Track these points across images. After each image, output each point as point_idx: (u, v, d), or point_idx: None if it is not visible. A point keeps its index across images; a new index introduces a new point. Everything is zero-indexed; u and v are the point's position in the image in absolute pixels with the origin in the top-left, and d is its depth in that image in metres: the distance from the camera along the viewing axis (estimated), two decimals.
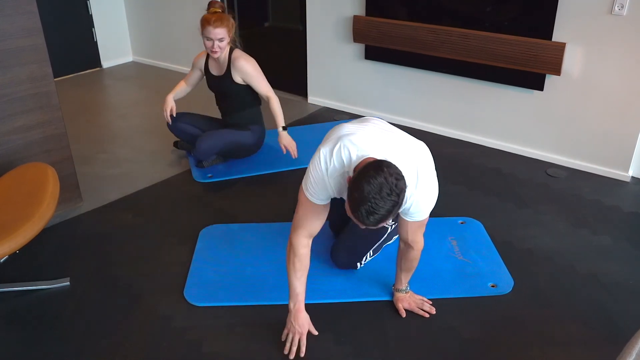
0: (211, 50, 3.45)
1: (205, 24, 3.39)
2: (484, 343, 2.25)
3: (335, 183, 2.05)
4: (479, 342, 2.26)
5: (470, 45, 3.72)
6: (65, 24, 5.62)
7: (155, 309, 2.46)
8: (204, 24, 3.40)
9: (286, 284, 2.24)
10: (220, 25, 3.38)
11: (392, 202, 1.75)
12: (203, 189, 3.50)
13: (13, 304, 2.52)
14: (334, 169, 2.02)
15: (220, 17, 3.39)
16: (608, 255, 2.80)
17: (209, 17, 3.40)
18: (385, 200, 1.73)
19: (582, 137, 3.61)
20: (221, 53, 3.48)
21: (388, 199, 1.74)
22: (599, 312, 2.42)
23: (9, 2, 2.66)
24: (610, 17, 3.25)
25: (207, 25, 3.38)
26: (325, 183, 2.06)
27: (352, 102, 4.63)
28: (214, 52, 3.45)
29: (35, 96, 2.89)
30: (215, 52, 3.44)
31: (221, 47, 3.44)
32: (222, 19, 3.39)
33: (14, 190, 2.52)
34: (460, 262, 2.71)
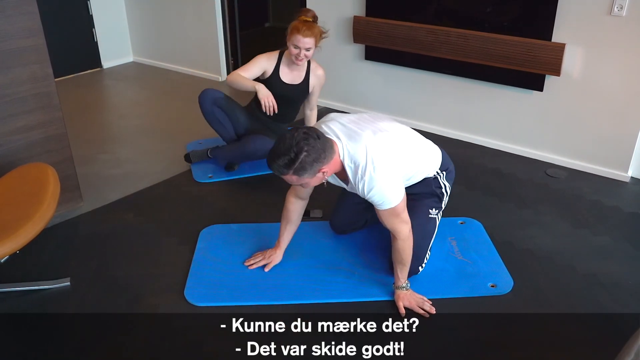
0: (296, 58, 3.36)
1: (294, 31, 3.30)
2: (484, 343, 2.26)
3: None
4: (479, 342, 2.26)
5: (469, 46, 3.73)
6: (66, 24, 5.63)
7: (155, 309, 2.46)
8: (293, 32, 3.30)
9: (286, 284, 2.50)
10: (310, 35, 3.30)
11: (289, 157, 2.09)
12: (203, 189, 3.50)
13: (14, 304, 2.52)
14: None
15: (311, 27, 3.32)
16: (608, 256, 2.81)
17: (299, 25, 3.30)
18: (285, 152, 2.09)
19: (581, 137, 3.62)
20: (304, 62, 3.42)
21: (286, 152, 2.09)
22: (598, 312, 2.43)
23: (10, 2, 2.66)
24: (609, 17, 3.26)
25: (296, 33, 3.29)
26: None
27: (353, 103, 4.64)
28: (299, 60, 3.37)
29: (36, 96, 2.89)
30: (301, 61, 3.38)
31: (307, 56, 3.37)
32: (312, 28, 3.31)
33: (14, 191, 2.53)
34: (460, 262, 2.72)
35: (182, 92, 5.31)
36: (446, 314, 2.41)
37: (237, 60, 5.58)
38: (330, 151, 2.19)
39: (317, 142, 2.13)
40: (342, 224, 2.86)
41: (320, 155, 2.14)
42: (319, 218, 3.11)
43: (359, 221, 2.85)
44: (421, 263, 2.56)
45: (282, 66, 3.49)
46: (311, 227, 3.02)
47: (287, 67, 3.50)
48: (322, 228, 3.00)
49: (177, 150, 3.99)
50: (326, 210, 3.14)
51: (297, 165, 2.10)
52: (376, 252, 2.78)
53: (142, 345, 2.26)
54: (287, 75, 3.51)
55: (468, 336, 2.29)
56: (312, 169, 2.14)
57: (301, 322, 2.29)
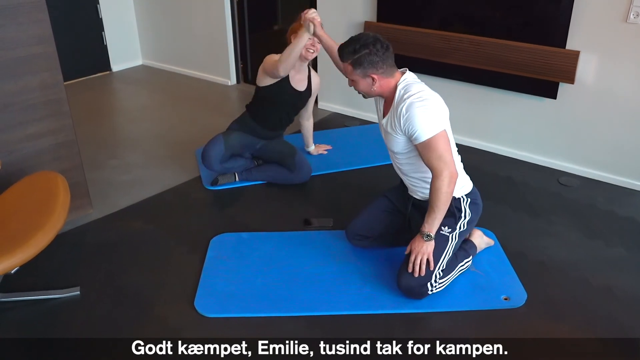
0: (308, 49, 3.30)
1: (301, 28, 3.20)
2: (497, 358, 2.22)
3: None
4: (492, 358, 2.22)
5: (482, 52, 3.69)
6: (76, 28, 5.63)
7: (165, 320, 2.45)
8: (303, 26, 3.18)
9: (297, 295, 2.52)
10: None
11: (354, 47, 2.38)
12: (213, 196, 3.48)
13: (23, 313, 2.51)
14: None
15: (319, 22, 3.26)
16: (622, 268, 2.77)
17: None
18: (354, 43, 2.39)
19: (595, 145, 3.57)
20: (313, 56, 3.38)
21: (355, 43, 2.39)
22: (613, 326, 2.39)
23: (22, 10, 2.65)
24: (625, 25, 3.22)
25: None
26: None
27: (363, 109, 4.61)
28: (311, 52, 3.33)
29: (46, 104, 2.89)
30: (312, 53, 3.34)
31: (317, 49, 3.35)
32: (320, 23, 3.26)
33: (24, 200, 2.52)
34: (473, 274, 2.69)
35: (192, 96, 5.30)
36: (459, 327, 2.38)
37: (246, 64, 5.56)
38: (389, 69, 2.42)
39: (382, 51, 2.38)
40: (359, 227, 2.81)
41: (377, 62, 2.38)
42: (329, 228, 3.08)
43: (375, 229, 2.80)
44: (429, 281, 2.47)
45: (293, 74, 3.45)
46: (323, 237, 3.01)
47: (295, 73, 3.46)
48: (334, 238, 2.98)
49: (187, 155, 3.97)
50: (336, 220, 3.12)
51: (356, 57, 2.38)
52: (388, 264, 2.75)
53: (153, 357, 2.23)
54: (299, 82, 3.49)
55: (481, 351, 2.25)
56: (365, 69, 2.39)
57: (312, 338, 2.27)
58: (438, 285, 2.49)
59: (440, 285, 2.50)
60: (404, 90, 2.42)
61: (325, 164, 3.80)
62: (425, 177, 2.55)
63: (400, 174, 2.69)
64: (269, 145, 3.61)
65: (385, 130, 2.53)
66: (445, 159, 2.36)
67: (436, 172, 2.36)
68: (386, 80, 2.44)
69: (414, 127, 2.35)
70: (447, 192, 2.37)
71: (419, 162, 2.51)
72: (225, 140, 3.44)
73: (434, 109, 2.37)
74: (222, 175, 3.53)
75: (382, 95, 2.52)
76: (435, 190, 2.37)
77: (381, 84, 2.44)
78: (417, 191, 2.65)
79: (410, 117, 2.34)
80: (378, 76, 2.41)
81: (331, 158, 3.90)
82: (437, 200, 2.38)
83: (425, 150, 2.37)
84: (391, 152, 2.61)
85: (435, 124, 2.36)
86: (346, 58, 2.42)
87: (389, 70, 2.42)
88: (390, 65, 2.43)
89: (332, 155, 3.95)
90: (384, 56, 2.38)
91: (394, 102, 2.44)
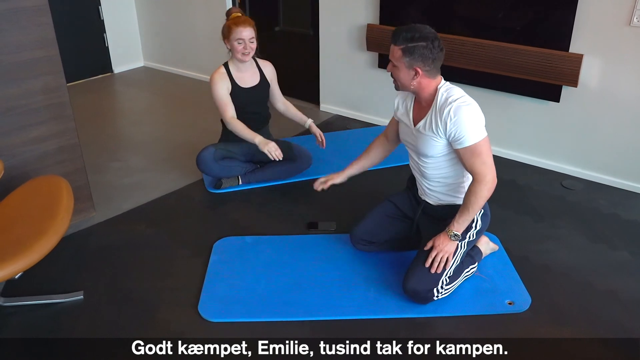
0: (243, 52, 3.32)
1: (233, 27, 3.28)
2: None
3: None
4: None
5: (485, 55, 3.69)
6: (77, 30, 5.63)
7: (169, 324, 2.44)
8: (232, 28, 3.28)
9: (301, 300, 2.52)
10: (248, 24, 3.29)
11: (412, 34, 2.31)
12: (216, 200, 3.48)
13: (26, 318, 2.50)
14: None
15: (246, 18, 3.34)
16: (627, 272, 2.76)
17: (235, 19, 3.31)
18: (414, 31, 2.33)
19: (598, 148, 3.57)
20: (251, 55, 3.38)
21: (415, 31, 2.32)
22: (618, 331, 2.38)
23: (25, 14, 2.65)
24: (628, 28, 3.21)
25: (235, 27, 3.27)
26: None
27: (365, 111, 4.61)
28: (246, 55, 3.34)
29: (49, 107, 2.88)
30: (248, 55, 3.35)
31: (253, 48, 3.34)
32: (247, 20, 3.33)
33: (28, 204, 2.51)
34: (477, 278, 2.68)
35: (193, 98, 5.29)
36: (463, 332, 2.37)
37: None
38: (434, 70, 2.39)
39: (437, 51, 2.35)
40: (363, 233, 2.80)
41: (428, 59, 2.33)
42: (333, 231, 3.08)
43: (380, 235, 2.79)
44: (436, 287, 2.46)
45: (235, 75, 3.46)
46: (327, 240, 3.00)
47: (239, 73, 3.47)
48: (338, 242, 2.97)
49: (189, 158, 3.95)
50: (340, 224, 3.11)
51: (411, 45, 2.31)
52: (392, 268, 2.75)
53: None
54: (245, 80, 3.49)
55: (485, 356, 2.25)
56: (414, 60, 2.33)
57: (316, 343, 2.26)
58: (444, 291, 2.49)
59: (446, 291, 2.50)
60: (447, 94, 2.39)
61: (327, 167, 3.78)
62: (448, 182, 2.55)
63: (419, 177, 2.65)
64: None
65: (419, 133, 2.49)
66: (489, 164, 2.37)
67: (479, 176, 2.36)
68: (427, 80, 2.40)
69: (461, 130, 2.33)
70: (486, 197, 2.39)
71: (448, 167, 2.51)
72: (215, 145, 3.53)
73: (480, 114, 2.37)
74: (225, 179, 3.52)
75: (417, 94, 2.47)
76: (474, 193, 2.38)
77: (421, 81, 2.40)
78: (433, 196, 2.63)
79: (458, 120, 2.32)
80: (422, 72, 2.37)
81: (334, 161, 3.87)
82: (473, 203, 2.39)
83: (470, 155, 2.36)
84: (417, 154, 2.56)
85: (482, 129, 2.36)
86: (400, 42, 2.33)
87: (434, 72, 2.40)
88: (436, 67, 2.40)
89: (335, 158, 3.93)
90: (437, 56, 2.36)
91: (436, 104, 2.40)
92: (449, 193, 2.59)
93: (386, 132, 2.84)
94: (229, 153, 3.54)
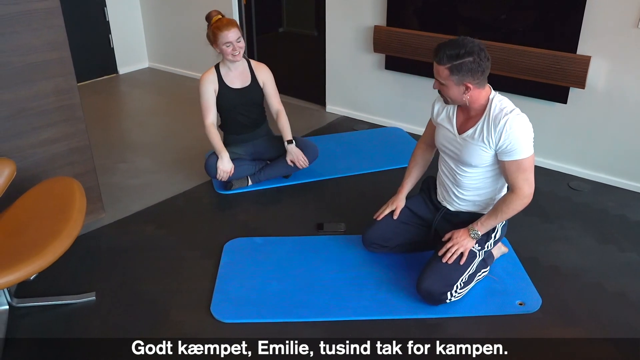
0: (232, 53, 3.33)
1: (217, 31, 3.29)
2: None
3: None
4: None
5: (492, 57, 3.68)
6: (82, 30, 5.63)
7: (182, 325, 2.45)
8: (217, 32, 3.29)
9: (313, 301, 2.56)
10: (232, 26, 3.30)
11: (457, 51, 2.24)
12: (225, 201, 3.49)
13: (38, 319, 2.52)
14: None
15: (229, 20, 3.34)
16: (636, 273, 2.77)
17: (218, 23, 3.32)
18: (458, 47, 2.25)
19: (606, 150, 3.58)
20: (241, 54, 3.38)
21: (459, 47, 2.25)
22: (629, 332, 2.40)
23: (37, 16, 2.65)
24: (636, 30, 3.22)
25: (220, 32, 3.28)
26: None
27: (372, 112, 4.62)
28: (236, 56, 3.35)
29: (60, 109, 2.89)
30: (238, 56, 3.35)
31: (241, 47, 3.35)
32: (230, 21, 3.33)
33: (40, 206, 2.52)
34: (487, 279, 2.69)
35: (198, 99, 5.28)
36: (475, 333, 2.39)
37: None
38: (483, 81, 2.34)
39: (485, 61, 2.29)
40: (375, 236, 2.80)
41: (477, 72, 2.27)
42: (342, 232, 3.09)
43: (392, 240, 2.79)
44: (450, 290, 2.46)
45: (225, 76, 3.47)
46: (336, 241, 3.01)
47: (230, 73, 3.47)
48: (347, 243, 2.98)
49: (196, 159, 3.97)
50: (349, 225, 3.12)
51: (458, 62, 2.25)
52: (403, 269, 2.76)
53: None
54: (235, 80, 3.49)
55: (497, 357, 2.26)
56: (463, 77, 2.28)
57: (328, 343, 2.28)
58: (457, 294, 2.50)
59: (459, 294, 2.51)
60: (501, 105, 2.37)
61: (335, 168, 3.81)
62: (481, 194, 2.57)
63: (451, 184, 2.61)
64: (267, 143, 3.65)
65: (466, 141, 2.45)
66: (531, 182, 2.39)
67: (519, 191, 2.38)
68: (478, 91, 2.36)
69: (514, 143, 2.32)
70: (517, 210, 2.43)
71: (487, 179, 2.51)
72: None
73: (532, 130, 2.37)
74: (235, 180, 3.53)
75: (469, 105, 2.42)
76: (507, 203, 2.41)
77: (472, 94, 2.35)
78: (456, 203, 2.63)
79: (513, 133, 2.31)
80: (473, 86, 2.32)
81: (342, 162, 3.90)
82: (504, 212, 2.42)
83: (515, 169, 2.36)
84: (457, 162, 2.53)
85: (532, 145, 2.37)
86: (445, 62, 2.27)
87: (483, 81, 2.35)
88: (485, 77, 2.35)
89: (343, 159, 3.95)
90: (485, 67, 2.30)
91: (489, 114, 2.37)
92: (479, 204, 2.60)
93: (425, 139, 2.81)
94: (234, 155, 3.54)
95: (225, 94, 3.48)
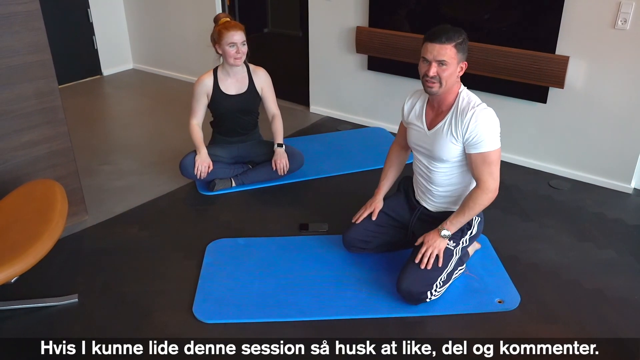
0: (235, 56, 3.31)
1: (224, 31, 3.28)
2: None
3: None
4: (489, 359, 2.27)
5: (473, 58, 3.70)
6: (66, 32, 5.61)
7: (165, 326, 2.46)
8: (223, 32, 3.28)
9: (294, 300, 2.57)
10: (239, 28, 3.30)
11: (460, 34, 2.37)
12: (208, 202, 3.50)
13: (21, 322, 2.51)
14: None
15: (236, 23, 3.34)
16: (613, 270, 2.82)
17: (225, 24, 3.31)
18: (457, 31, 2.38)
19: (585, 149, 3.63)
20: (243, 59, 3.37)
21: (458, 31, 2.39)
22: (605, 328, 2.44)
23: (17, 19, 2.66)
24: (613, 31, 3.27)
25: (226, 32, 3.27)
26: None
27: (355, 112, 4.64)
28: (238, 58, 3.33)
29: (41, 112, 2.89)
30: (240, 59, 3.34)
31: (244, 51, 3.34)
32: (238, 24, 3.33)
33: (22, 208, 2.52)
34: (467, 277, 2.72)
35: (183, 100, 5.28)
36: (453, 330, 2.42)
37: None
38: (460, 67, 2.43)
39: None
40: (355, 239, 2.82)
41: (467, 52, 2.41)
42: (324, 232, 3.11)
43: (372, 242, 2.82)
44: (430, 289, 2.49)
45: (221, 81, 3.46)
46: (319, 242, 3.03)
47: (228, 78, 3.47)
48: (330, 243, 3.00)
49: (180, 160, 3.96)
50: (332, 225, 3.15)
51: (460, 40, 2.37)
52: (384, 269, 2.79)
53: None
54: (231, 86, 3.48)
55: (476, 354, 2.29)
56: (464, 56, 2.39)
57: (309, 343, 2.29)
58: (436, 293, 2.53)
59: (438, 293, 2.54)
60: (469, 98, 2.45)
61: (319, 168, 3.83)
62: (455, 189, 2.61)
63: (425, 182, 2.66)
64: (253, 148, 3.65)
65: (436, 136, 2.51)
66: (496, 176, 2.44)
67: (484, 185, 2.43)
68: (457, 81, 2.47)
69: (480, 135, 2.39)
70: (484, 205, 2.47)
71: (459, 174, 2.56)
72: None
73: (498, 124, 2.44)
74: (219, 180, 3.54)
75: (442, 97, 2.47)
76: (474, 199, 2.45)
77: (457, 80, 2.46)
78: (432, 202, 2.68)
79: (479, 125, 2.38)
80: (463, 70, 2.43)
81: (325, 162, 3.92)
82: (471, 208, 2.46)
83: (481, 161, 2.42)
84: (429, 158, 2.59)
85: (498, 138, 2.43)
86: (450, 40, 2.35)
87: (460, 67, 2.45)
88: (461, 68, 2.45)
89: (326, 159, 3.97)
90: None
91: (457, 107, 2.45)
92: (453, 202, 2.64)
93: (398, 140, 2.88)
94: (213, 157, 3.54)
95: (219, 100, 3.48)
